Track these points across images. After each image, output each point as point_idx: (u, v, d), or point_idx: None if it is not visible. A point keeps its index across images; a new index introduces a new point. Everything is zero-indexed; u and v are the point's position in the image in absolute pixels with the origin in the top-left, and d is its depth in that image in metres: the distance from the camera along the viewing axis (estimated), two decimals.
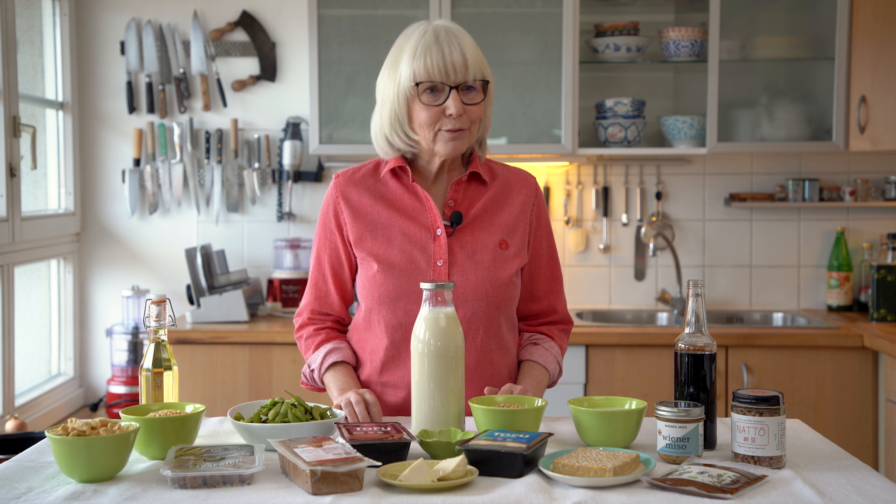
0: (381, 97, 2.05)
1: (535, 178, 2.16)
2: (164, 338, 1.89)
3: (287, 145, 3.97)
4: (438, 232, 2.04)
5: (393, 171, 2.09)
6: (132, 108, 4.02)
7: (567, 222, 4.08)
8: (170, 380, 1.88)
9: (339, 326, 2.18)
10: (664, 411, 1.67)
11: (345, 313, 2.18)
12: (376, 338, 2.07)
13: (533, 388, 2.05)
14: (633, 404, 1.81)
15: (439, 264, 2.03)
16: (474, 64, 1.97)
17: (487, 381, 2.04)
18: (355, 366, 2.12)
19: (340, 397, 1.95)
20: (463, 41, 1.98)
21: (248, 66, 4.06)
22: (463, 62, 1.95)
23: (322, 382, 2.11)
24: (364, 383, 2.10)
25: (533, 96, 3.73)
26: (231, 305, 3.66)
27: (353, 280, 2.13)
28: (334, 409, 1.87)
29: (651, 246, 4.01)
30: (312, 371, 2.11)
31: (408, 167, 2.07)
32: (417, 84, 1.96)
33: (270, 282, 3.95)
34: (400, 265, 2.03)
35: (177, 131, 4.02)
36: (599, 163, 4.07)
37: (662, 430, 1.67)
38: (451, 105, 1.96)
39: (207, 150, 4.05)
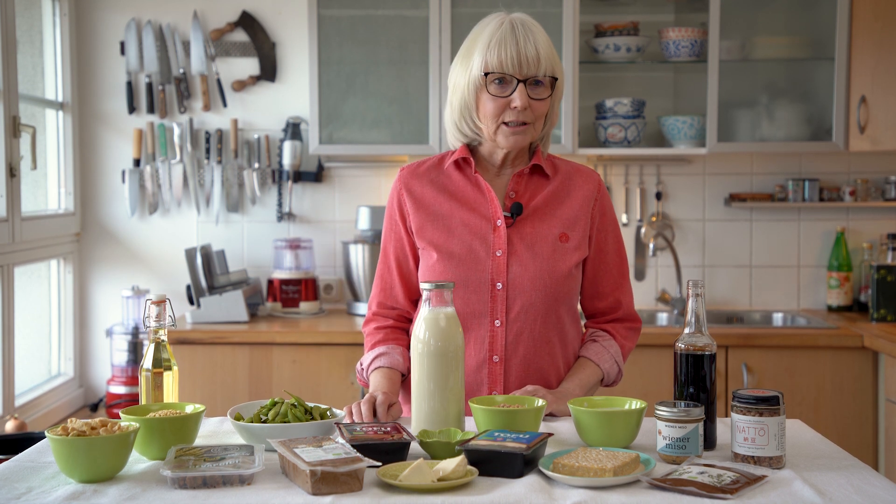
0: (452, 85, 2.09)
1: (598, 174, 2.17)
2: (164, 338, 1.89)
3: (287, 145, 3.97)
4: (498, 223, 2.06)
5: (456, 163, 2.12)
6: (132, 108, 4.02)
7: None
8: (170, 380, 1.88)
9: (402, 323, 2.19)
10: (664, 411, 1.67)
11: (410, 307, 2.18)
12: None
13: (576, 385, 2.06)
14: (633, 404, 1.81)
15: (498, 254, 2.04)
16: (546, 59, 1.99)
17: (543, 372, 2.06)
18: (403, 371, 2.12)
19: None
20: (538, 36, 2.00)
21: (248, 66, 4.06)
22: (536, 56, 1.98)
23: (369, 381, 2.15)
24: None
25: None
26: (231, 305, 3.66)
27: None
28: (334, 409, 1.87)
29: (651, 246, 4.01)
30: (363, 369, 2.15)
31: (471, 159, 2.09)
32: (487, 74, 1.98)
33: (270, 282, 3.95)
34: (459, 255, 2.05)
35: (177, 131, 4.02)
36: (599, 163, 4.07)
37: (662, 430, 1.67)
38: (517, 98, 1.98)
39: (207, 151, 4.05)
